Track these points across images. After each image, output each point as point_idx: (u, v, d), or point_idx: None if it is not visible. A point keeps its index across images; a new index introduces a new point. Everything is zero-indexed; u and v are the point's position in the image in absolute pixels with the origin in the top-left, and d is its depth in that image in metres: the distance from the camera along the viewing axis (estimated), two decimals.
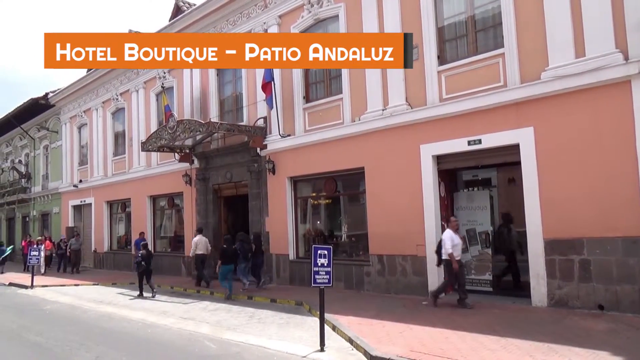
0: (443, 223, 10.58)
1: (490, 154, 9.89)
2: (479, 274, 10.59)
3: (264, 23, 14.45)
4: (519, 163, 9.31)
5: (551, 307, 8.70)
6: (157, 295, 13.41)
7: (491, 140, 9.61)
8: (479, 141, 9.76)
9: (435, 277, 10.37)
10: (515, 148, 9.33)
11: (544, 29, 8.99)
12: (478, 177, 11.15)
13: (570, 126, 8.65)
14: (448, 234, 9.34)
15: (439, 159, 10.64)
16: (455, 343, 6.91)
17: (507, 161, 9.87)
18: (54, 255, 22.65)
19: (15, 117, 28.32)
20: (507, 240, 10.46)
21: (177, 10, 18.40)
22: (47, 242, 22.44)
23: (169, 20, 18.05)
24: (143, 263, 13.51)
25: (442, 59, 10.62)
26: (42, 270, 20.56)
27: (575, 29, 8.63)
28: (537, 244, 8.95)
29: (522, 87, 9.19)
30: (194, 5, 17.29)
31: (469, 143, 9.90)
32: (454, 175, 11.21)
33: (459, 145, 10.09)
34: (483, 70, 9.89)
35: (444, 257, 9.35)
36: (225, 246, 12.98)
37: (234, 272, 12.95)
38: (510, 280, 10.43)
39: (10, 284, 18.46)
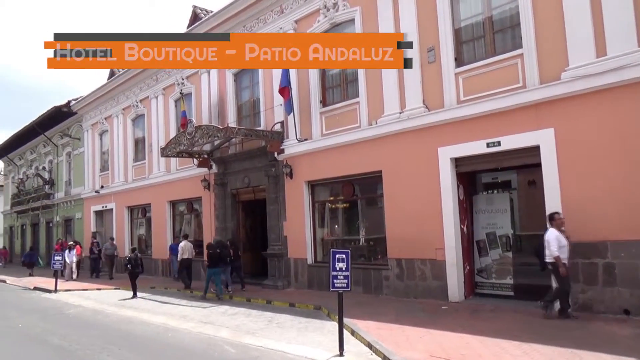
0: (462, 226, 10.48)
1: (509, 156, 9.76)
2: (499, 278, 10.44)
3: (280, 28, 14.54)
4: (539, 165, 9.17)
5: (575, 312, 8.51)
6: (152, 297, 14.49)
7: (511, 142, 9.49)
8: (498, 143, 9.64)
9: (454, 280, 10.26)
10: (535, 150, 9.20)
11: (564, 28, 8.85)
12: (497, 180, 11.00)
13: (592, 127, 8.49)
14: (553, 234, 8.20)
15: (458, 162, 10.54)
16: (476, 348, 6.82)
17: (527, 163, 9.72)
18: (81, 260, 22.45)
19: (39, 124, 29.05)
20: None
21: (194, 18, 18.62)
22: (78, 247, 22.15)
23: (187, 28, 18.28)
24: (129, 266, 14.73)
25: (459, 61, 10.54)
26: (74, 276, 20.50)
27: (596, 28, 8.48)
28: None
29: (542, 87, 9.06)
30: (211, 12, 17.48)
31: (488, 145, 9.78)
32: (472, 178, 11.09)
33: (477, 147, 9.98)
34: (501, 72, 9.78)
35: (548, 259, 8.26)
36: (211, 251, 13.67)
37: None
38: (532, 284, 10.24)
39: (35, 288, 18.85)
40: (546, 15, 9.12)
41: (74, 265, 20.51)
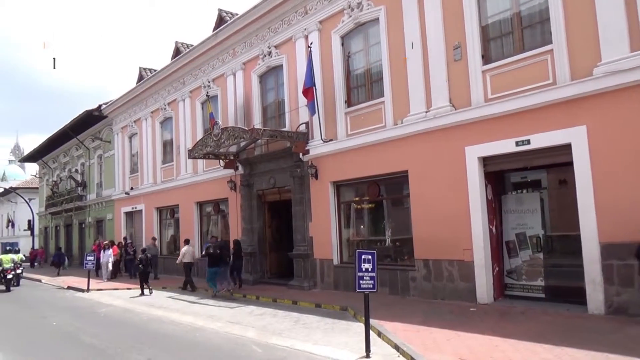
0: (491, 227, 10.29)
1: (539, 154, 9.52)
2: (530, 279, 10.20)
3: (305, 29, 14.57)
4: (570, 163, 8.92)
5: (609, 315, 8.25)
6: (168, 294, 15.28)
7: (541, 140, 9.26)
8: (528, 141, 9.42)
9: (483, 282, 10.07)
10: (566, 148, 8.95)
11: (595, 22, 8.59)
12: (527, 179, 10.75)
13: (626, 124, 8.20)
14: None
15: (485, 161, 10.35)
16: (506, 351, 6.67)
17: (557, 162, 9.46)
18: (119, 260, 22.18)
19: (71, 128, 29.92)
20: None
21: (220, 21, 18.83)
22: (115, 247, 21.98)
23: (213, 31, 18.50)
24: (141, 266, 15.84)
25: (486, 58, 10.35)
26: (109, 276, 20.49)
27: (630, 21, 8.19)
28: (592, 248, 8.53)
29: (573, 84, 8.80)
30: (237, 15, 17.65)
31: (517, 144, 9.57)
32: (501, 177, 10.87)
33: (506, 146, 9.77)
34: (530, 68, 9.55)
35: None
36: (210, 251, 14.69)
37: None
38: (564, 286, 9.97)
39: (69, 288, 19.41)
40: (577, 8, 8.86)
41: (110, 265, 20.61)
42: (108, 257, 20.63)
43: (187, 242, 17.44)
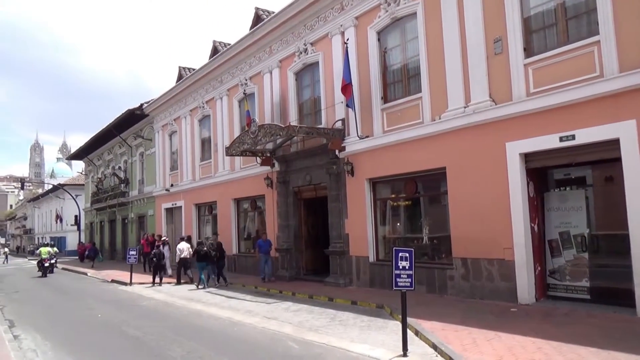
0: (532, 225, 9.98)
1: (585, 150, 9.15)
2: (574, 280, 9.84)
3: (341, 25, 14.52)
4: (618, 159, 8.54)
5: None
6: (201, 288, 16.31)
7: (586, 135, 8.90)
8: (572, 137, 9.07)
9: (524, 282, 9.79)
10: (614, 143, 8.56)
11: None
12: (571, 176, 10.35)
13: None
14: None
15: (527, 157, 10.04)
16: (549, 354, 6.46)
17: (604, 158, 9.07)
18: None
19: (115, 127, 30.97)
20: None
21: (257, 19, 19.02)
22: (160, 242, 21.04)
23: (250, 29, 18.70)
24: (154, 259, 18.18)
25: (528, 51, 10.02)
26: (169, 272, 20.06)
27: None
28: None
29: (622, 76, 8.40)
30: (273, 12, 17.77)
31: (561, 139, 9.23)
32: (543, 174, 10.52)
33: (549, 141, 9.44)
34: (575, 61, 9.18)
35: None
36: (197, 249, 16.96)
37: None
38: (611, 287, 9.57)
39: (113, 281, 20.11)
40: None
41: (167, 261, 20.05)
42: (168, 253, 20.15)
43: (182, 239, 19.05)
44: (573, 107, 9.06)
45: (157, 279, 18.02)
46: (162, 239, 21.64)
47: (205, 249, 16.76)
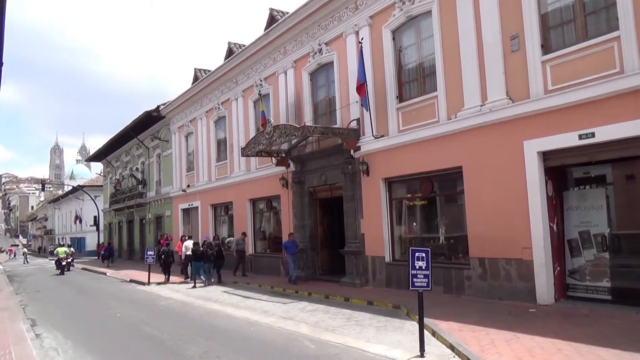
0: (551, 224, 9.83)
1: (605, 148, 8.99)
2: (594, 280, 9.67)
3: (355, 25, 14.49)
4: (639, 157, 8.36)
5: None
6: (211, 286, 16.91)
7: (606, 133, 8.73)
8: (592, 134, 8.91)
9: (543, 282, 9.65)
10: (635, 141, 8.41)
11: None
12: (590, 174, 10.17)
13: None
14: None
15: (545, 156, 9.90)
16: (570, 355, 6.36)
17: (624, 156, 8.91)
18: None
19: (132, 128, 31.37)
20: None
21: (271, 20, 19.08)
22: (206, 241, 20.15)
23: (264, 30, 18.78)
24: (163, 257, 19.31)
25: (546, 48, 9.87)
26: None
27: None
28: None
29: None
30: (287, 13, 17.81)
31: (580, 137, 9.08)
32: (562, 172, 10.35)
33: (568, 139, 9.30)
34: (594, 57, 9.02)
35: None
36: (194, 249, 17.80)
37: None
38: (633, 288, 9.37)
39: (131, 281, 20.37)
40: None
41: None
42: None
43: (189, 237, 20.39)
44: (592, 105, 8.91)
45: (166, 278, 18.82)
46: (215, 237, 21.33)
47: (201, 249, 17.53)
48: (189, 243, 18.99)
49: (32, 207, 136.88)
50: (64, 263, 27.22)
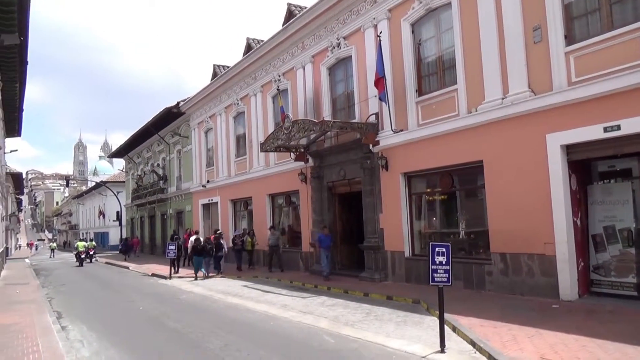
0: (575, 219, 9.64)
1: (631, 140, 8.75)
2: (620, 276, 9.46)
3: (374, 18, 14.38)
4: None
5: None
6: (214, 279, 17.64)
7: (633, 125, 8.50)
8: (618, 127, 8.69)
9: (567, 277, 9.48)
10: None
11: None
12: (616, 168, 9.93)
13: None
14: None
15: (569, 149, 9.69)
16: (594, 352, 6.23)
17: None
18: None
19: (153, 125, 31.75)
20: None
21: (289, 15, 19.07)
22: (212, 236, 19.98)
23: (282, 25, 18.78)
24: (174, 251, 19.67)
25: (569, 39, 9.65)
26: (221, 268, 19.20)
27: None
28: None
29: None
30: (305, 8, 17.77)
31: (606, 130, 8.86)
32: (587, 166, 10.13)
33: (592, 132, 9.08)
34: (621, 47, 8.78)
35: None
36: (195, 244, 18.59)
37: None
38: None
39: (153, 275, 20.70)
40: None
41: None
42: (226, 246, 20.05)
43: (196, 232, 21.80)
44: (618, 96, 8.68)
45: (176, 271, 19.90)
46: (218, 232, 20.60)
47: (201, 244, 18.46)
48: (194, 238, 19.58)
49: (57, 203, 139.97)
50: (82, 256, 30.21)
